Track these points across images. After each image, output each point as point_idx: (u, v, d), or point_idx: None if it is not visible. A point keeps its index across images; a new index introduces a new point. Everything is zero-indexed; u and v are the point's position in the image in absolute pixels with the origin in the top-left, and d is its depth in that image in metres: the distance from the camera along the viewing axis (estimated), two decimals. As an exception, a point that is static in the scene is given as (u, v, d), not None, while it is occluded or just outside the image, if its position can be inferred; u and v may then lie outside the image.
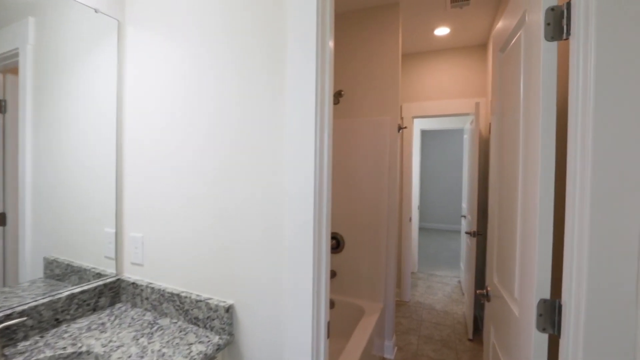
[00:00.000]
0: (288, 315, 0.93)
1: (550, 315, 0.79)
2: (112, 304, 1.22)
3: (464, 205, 4.13)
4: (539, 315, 0.80)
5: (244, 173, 1.00)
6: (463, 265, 3.99)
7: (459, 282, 4.29)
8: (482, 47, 3.30)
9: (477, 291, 1.32)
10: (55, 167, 1.08)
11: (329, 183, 0.96)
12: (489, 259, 1.34)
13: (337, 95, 2.50)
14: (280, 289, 0.96)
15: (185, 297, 1.08)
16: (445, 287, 4.06)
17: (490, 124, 2.89)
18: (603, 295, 0.65)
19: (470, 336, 2.75)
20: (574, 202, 0.70)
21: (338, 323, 2.51)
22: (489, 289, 1.30)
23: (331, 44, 0.96)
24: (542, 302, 0.80)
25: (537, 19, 0.85)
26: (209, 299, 1.06)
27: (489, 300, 1.30)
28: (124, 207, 1.27)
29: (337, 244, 2.56)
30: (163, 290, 1.13)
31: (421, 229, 7.84)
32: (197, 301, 1.06)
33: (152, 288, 1.15)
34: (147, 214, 1.21)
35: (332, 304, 2.51)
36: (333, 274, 2.59)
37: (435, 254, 5.72)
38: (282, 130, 0.94)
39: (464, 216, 3.98)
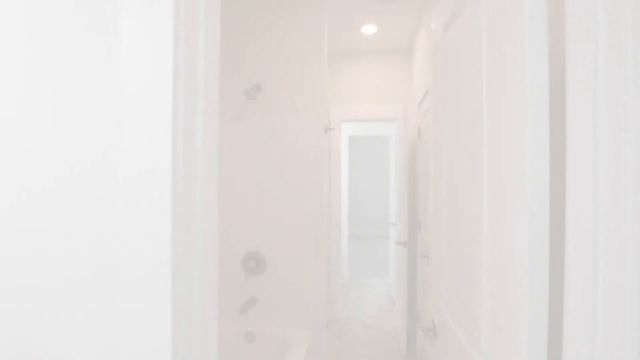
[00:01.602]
0: None
1: (547, 390, 0.53)
2: None
3: (392, 212, 4.07)
4: (532, 390, 0.53)
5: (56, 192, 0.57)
6: (392, 273, 3.90)
7: (389, 290, 4.21)
8: (408, 51, 3.26)
9: (423, 326, 1.06)
10: None
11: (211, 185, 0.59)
12: (435, 283, 1.09)
13: (255, 90, 2.12)
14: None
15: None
16: (376, 298, 3.93)
17: (419, 127, 2.81)
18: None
19: (404, 352, 2.58)
20: (593, 218, 0.44)
21: (259, 360, 2.10)
22: (435, 322, 1.05)
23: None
24: (536, 372, 0.53)
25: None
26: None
27: (435, 337, 1.05)
28: None
29: (257, 265, 2.16)
30: None
31: (349, 236, 7.80)
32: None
33: None
34: None
35: (252, 337, 2.10)
36: (254, 301, 2.18)
37: (363, 261, 5.64)
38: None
39: (393, 223, 3.91)
